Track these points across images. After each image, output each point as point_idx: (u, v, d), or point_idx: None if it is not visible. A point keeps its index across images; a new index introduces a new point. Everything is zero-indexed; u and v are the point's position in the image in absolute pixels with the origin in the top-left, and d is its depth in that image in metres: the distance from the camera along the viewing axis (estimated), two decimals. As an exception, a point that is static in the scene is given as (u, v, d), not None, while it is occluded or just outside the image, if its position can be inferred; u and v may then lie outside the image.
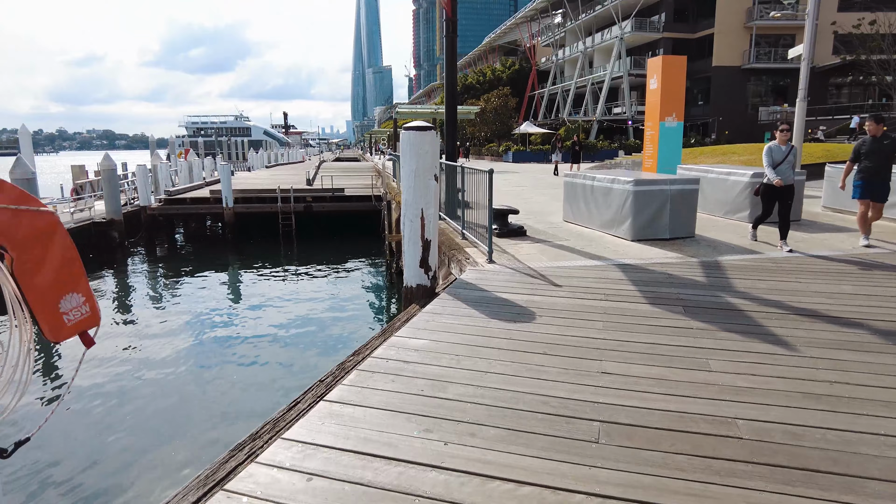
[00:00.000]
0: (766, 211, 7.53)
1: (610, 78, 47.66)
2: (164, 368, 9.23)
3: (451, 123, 9.87)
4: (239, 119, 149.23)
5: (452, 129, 9.95)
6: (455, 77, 9.70)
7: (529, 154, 40.27)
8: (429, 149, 5.50)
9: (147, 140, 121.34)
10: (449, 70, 9.69)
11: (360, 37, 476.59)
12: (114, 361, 9.55)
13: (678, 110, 17.22)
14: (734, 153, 20.27)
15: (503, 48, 77.26)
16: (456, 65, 9.64)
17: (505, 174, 24.75)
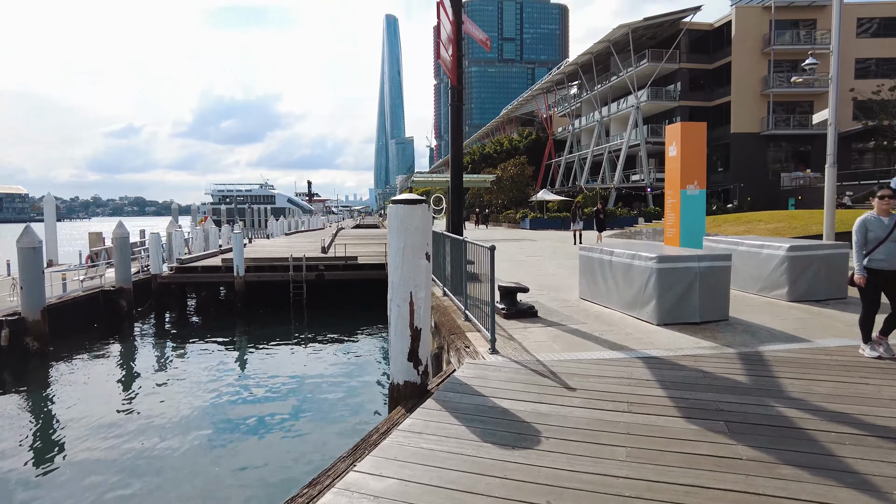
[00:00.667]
0: (870, 307, 5.53)
1: (627, 146, 47.77)
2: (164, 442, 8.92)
3: (458, 194, 9.27)
4: (264, 187, 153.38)
5: (459, 200, 9.33)
6: (461, 146, 9.19)
7: (547, 221, 39.80)
8: (419, 224, 4.82)
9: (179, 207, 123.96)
10: (454, 139, 9.19)
11: (383, 110, 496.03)
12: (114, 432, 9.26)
13: (700, 178, 16.59)
14: (759, 221, 19.40)
15: (520, 119, 78.92)
16: (462, 133, 9.15)
17: (521, 242, 24.12)
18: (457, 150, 9.03)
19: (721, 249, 9.82)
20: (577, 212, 23.72)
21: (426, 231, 4.89)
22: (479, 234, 33.46)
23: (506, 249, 19.77)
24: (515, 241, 25.38)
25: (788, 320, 7.00)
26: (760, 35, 41.98)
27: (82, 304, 18.94)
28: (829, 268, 8.17)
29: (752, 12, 43.24)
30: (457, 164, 9.02)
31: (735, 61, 42.29)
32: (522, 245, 22.23)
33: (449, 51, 8.44)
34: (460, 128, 9.12)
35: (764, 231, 17.75)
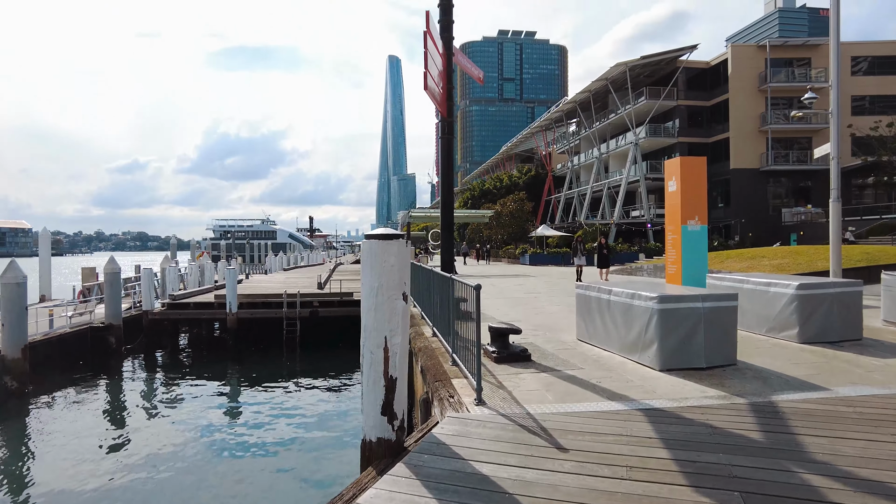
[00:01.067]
0: None
1: (626, 182, 47.77)
2: (146, 484, 8.55)
3: (448, 229, 8.85)
4: (265, 223, 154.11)
5: (449, 235, 8.91)
6: (451, 179, 8.81)
7: (546, 256, 39.39)
8: (395, 262, 4.38)
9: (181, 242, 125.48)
10: (444, 172, 8.83)
11: (386, 147, 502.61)
12: (98, 474, 8.84)
13: (701, 213, 16.22)
14: (763, 257, 18.95)
15: (520, 156, 79.46)
16: (452, 166, 8.79)
17: (520, 278, 23.63)
18: (447, 184, 8.65)
19: (726, 288, 9.33)
20: (578, 247, 22.52)
21: (403, 268, 4.45)
22: (477, 269, 33.01)
23: (503, 286, 19.29)
24: (514, 276, 24.91)
25: (802, 364, 6.47)
26: (756, 73, 42.41)
27: (68, 340, 18.44)
28: (841, 307, 7.67)
29: (747, 51, 43.82)
30: (447, 198, 8.62)
31: (732, 98, 42.61)
32: (521, 281, 21.76)
33: (439, 84, 8.15)
34: (451, 161, 8.76)
35: (768, 267, 17.29)
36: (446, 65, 8.51)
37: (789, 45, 42.33)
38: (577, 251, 22.27)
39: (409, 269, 4.56)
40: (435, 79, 7.58)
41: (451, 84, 8.55)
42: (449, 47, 8.62)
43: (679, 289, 7.32)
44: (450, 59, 8.61)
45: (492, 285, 19.49)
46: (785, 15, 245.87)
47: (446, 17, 8.73)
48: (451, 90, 8.47)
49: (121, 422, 12.79)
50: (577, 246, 22.36)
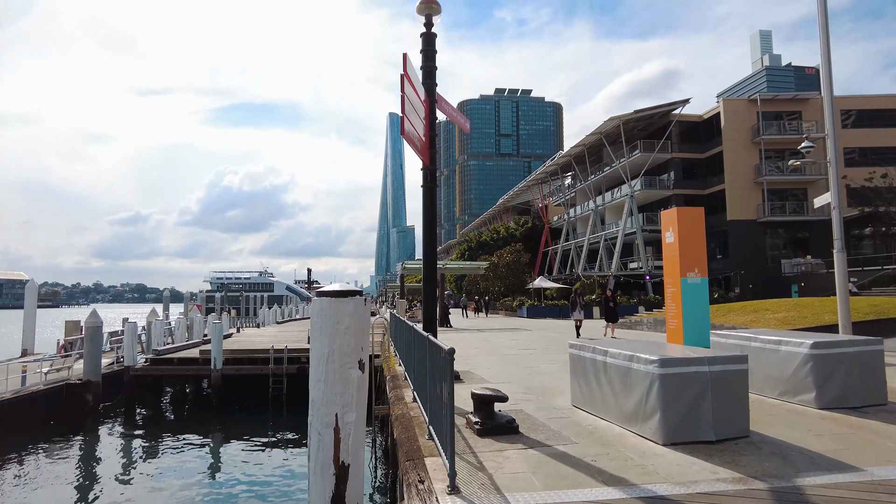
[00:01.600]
0: None
1: (623, 234, 47.55)
2: None
3: (431, 283, 8.25)
4: (263, 275, 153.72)
5: (432, 290, 8.30)
6: (435, 231, 8.28)
7: (544, 309, 38.60)
8: (350, 323, 3.73)
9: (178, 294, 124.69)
10: (427, 222, 8.30)
11: (385, 200, 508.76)
12: None
13: (700, 265, 15.66)
14: (766, 310, 18.26)
15: (516, 208, 79.81)
16: (435, 217, 8.27)
17: (516, 332, 22.80)
18: (430, 235, 8.09)
19: (732, 346, 8.62)
20: (577, 300, 20.57)
21: (361, 332, 3.80)
22: (473, 322, 32.16)
23: (497, 341, 18.47)
24: (510, 330, 24.09)
25: (825, 436, 5.72)
26: (749, 126, 42.91)
27: (40, 399, 17.50)
28: (862, 368, 6.96)
29: (739, 104, 44.52)
30: (430, 250, 8.05)
31: (727, 151, 42.94)
32: (516, 335, 20.94)
33: (420, 130, 7.72)
34: (434, 211, 8.24)
35: (772, 321, 16.58)
36: (429, 112, 8.09)
37: (779, 99, 43.06)
38: (575, 305, 20.50)
39: (367, 332, 3.91)
40: (414, 124, 7.13)
41: (434, 132, 8.11)
42: (432, 94, 8.23)
43: (682, 350, 6.64)
44: (432, 106, 8.20)
45: (485, 340, 18.68)
46: (772, 73, 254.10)
47: (429, 64, 8.38)
48: (433, 138, 8.03)
49: (85, 487, 11.82)
50: (576, 300, 20.61)
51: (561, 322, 32.59)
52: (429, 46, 8.32)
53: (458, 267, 33.59)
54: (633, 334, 21.25)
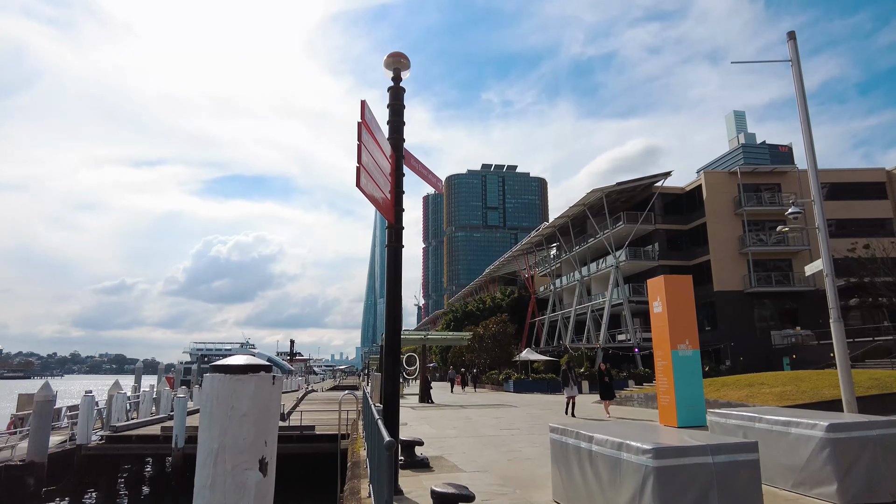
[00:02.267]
0: None
1: (610, 305, 46.87)
2: None
3: (393, 355, 7.35)
4: (245, 346, 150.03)
5: (394, 363, 7.38)
6: (398, 294, 7.47)
7: (532, 383, 37.15)
8: (249, 408, 2.81)
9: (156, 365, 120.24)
10: (391, 287, 7.50)
11: (373, 270, 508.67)
12: None
13: (691, 336, 14.83)
14: (763, 384, 17.30)
15: (503, 278, 79.39)
16: (400, 279, 7.49)
17: (500, 408, 21.44)
18: (394, 301, 7.26)
19: (733, 427, 7.63)
20: (568, 374, 18.69)
21: (265, 420, 2.88)
22: (457, 397, 30.60)
23: (479, 419, 17.20)
24: (494, 406, 22.73)
25: (856, 544, 4.72)
26: (731, 198, 43.45)
27: (-30, 484, 15.75)
28: (888, 454, 6.03)
29: (720, 177, 45.33)
30: (393, 316, 7.20)
31: (710, 222, 43.22)
32: (500, 413, 19.62)
33: (384, 187, 7.08)
34: (399, 272, 7.45)
35: (770, 396, 15.60)
36: (395, 168, 7.47)
37: (759, 171, 43.97)
38: (567, 380, 18.48)
39: (274, 421, 2.98)
40: (375, 178, 6.46)
41: (401, 189, 7.46)
42: (399, 150, 7.63)
43: (680, 435, 5.69)
44: (399, 162, 7.58)
45: (466, 419, 17.38)
46: (748, 150, 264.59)
47: (396, 119, 7.83)
48: (399, 195, 7.36)
49: None
50: (568, 374, 18.71)
51: (549, 398, 31.14)
52: (396, 101, 7.84)
53: (441, 338, 32.39)
54: (624, 411, 20.03)
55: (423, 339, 27.88)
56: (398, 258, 7.52)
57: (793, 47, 14.31)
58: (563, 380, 18.55)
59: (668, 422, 13.88)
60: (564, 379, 18.50)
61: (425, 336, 28.31)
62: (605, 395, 17.46)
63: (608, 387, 17.47)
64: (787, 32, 14.51)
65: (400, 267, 7.53)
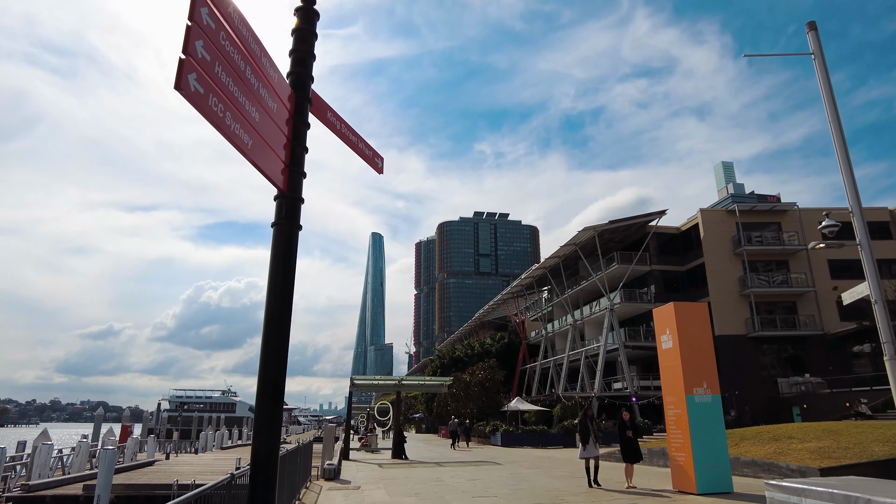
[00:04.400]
0: None
1: (605, 350, 43.96)
2: None
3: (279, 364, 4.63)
4: (226, 394, 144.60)
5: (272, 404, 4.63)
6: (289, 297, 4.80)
7: (521, 436, 33.80)
8: None
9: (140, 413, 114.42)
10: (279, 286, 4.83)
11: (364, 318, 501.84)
12: None
13: (709, 377, 12.09)
14: (791, 437, 14.47)
15: (493, 323, 76.29)
16: (292, 277, 4.83)
17: (481, 467, 18.33)
18: (281, 307, 4.56)
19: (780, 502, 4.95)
20: (590, 426, 13.05)
21: None
22: (440, 453, 27.27)
23: (452, 481, 14.20)
24: (473, 464, 19.63)
25: None
26: (729, 237, 41.38)
27: None
28: None
29: (717, 215, 43.39)
30: (279, 332, 4.48)
31: (708, 263, 40.98)
32: (479, 473, 16.55)
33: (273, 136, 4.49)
34: (291, 267, 4.78)
35: (804, 453, 12.80)
36: (293, 115, 4.83)
37: (758, 210, 42.10)
38: (587, 435, 12.90)
39: None
40: (241, 107, 3.85)
41: (303, 146, 4.77)
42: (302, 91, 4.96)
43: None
44: (301, 106, 4.93)
45: (436, 481, 14.37)
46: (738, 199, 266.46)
47: (303, 48, 5.12)
48: (299, 154, 4.72)
49: None
50: (588, 426, 13.04)
51: (540, 452, 27.89)
52: (306, 25, 5.35)
53: (418, 384, 29.19)
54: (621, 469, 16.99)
55: (396, 385, 24.80)
56: (292, 244, 4.97)
57: (814, 38, 12.32)
58: (582, 434, 13.02)
59: (683, 486, 11.03)
60: (584, 433, 12.97)
61: (399, 382, 25.24)
62: (629, 455, 12.41)
63: (633, 445, 12.47)
64: (807, 23, 12.58)
65: (293, 257, 4.99)
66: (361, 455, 25.34)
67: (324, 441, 16.17)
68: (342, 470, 17.74)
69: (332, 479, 14.36)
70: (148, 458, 29.42)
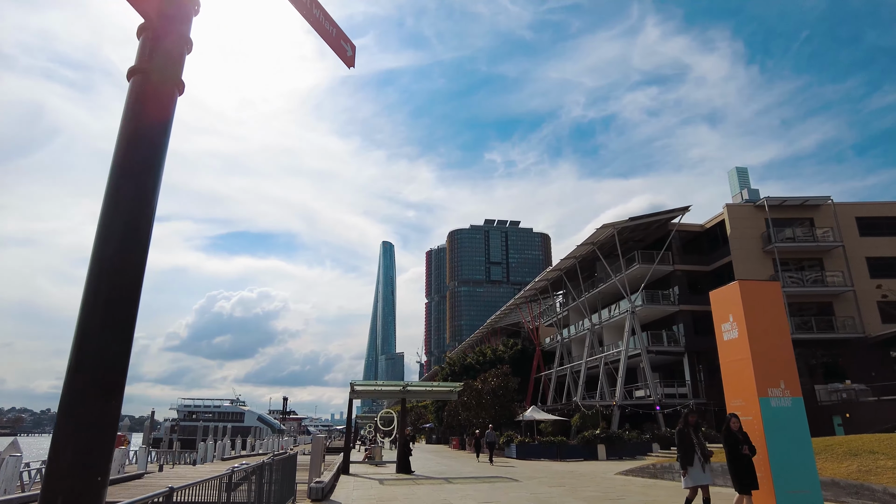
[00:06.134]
0: None
1: (626, 356, 41.30)
2: None
3: (124, 276, 2.13)
4: (235, 404, 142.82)
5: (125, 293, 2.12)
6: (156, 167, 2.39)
7: (538, 447, 31.33)
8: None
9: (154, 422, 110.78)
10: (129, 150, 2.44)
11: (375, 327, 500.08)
12: None
13: (788, 375, 9.70)
14: (874, 452, 11.95)
15: (505, 330, 73.72)
16: (162, 148, 2.44)
17: (494, 485, 15.91)
18: None
19: None
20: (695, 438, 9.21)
21: None
22: (450, 466, 24.86)
23: None
24: (486, 481, 17.23)
25: None
26: (758, 234, 38.73)
27: None
28: None
29: (744, 210, 40.74)
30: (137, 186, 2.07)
31: (736, 262, 38.30)
32: (493, 494, 14.14)
33: None
34: (162, 124, 2.35)
35: (893, 472, 10.31)
36: None
37: (788, 204, 39.36)
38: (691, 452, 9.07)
39: None
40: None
41: None
42: None
43: None
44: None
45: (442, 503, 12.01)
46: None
47: None
48: None
49: None
50: (689, 434, 9.25)
51: (559, 466, 25.36)
52: None
53: (426, 390, 26.90)
54: (669, 489, 14.53)
55: (401, 391, 22.49)
56: (162, 104, 2.75)
57: None
58: (684, 452, 9.11)
59: (758, 514, 8.60)
60: (686, 450, 9.09)
61: (404, 388, 22.90)
62: (746, 481, 8.47)
63: (751, 467, 8.51)
64: None
65: (164, 127, 2.77)
66: (363, 469, 23.03)
67: (311, 455, 13.88)
68: (337, 487, 15.47)
69: (319, 501, 12.08)
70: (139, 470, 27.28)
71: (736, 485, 8.61)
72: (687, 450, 9.07)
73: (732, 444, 8.63)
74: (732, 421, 8.79)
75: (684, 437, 9.17)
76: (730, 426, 8.79)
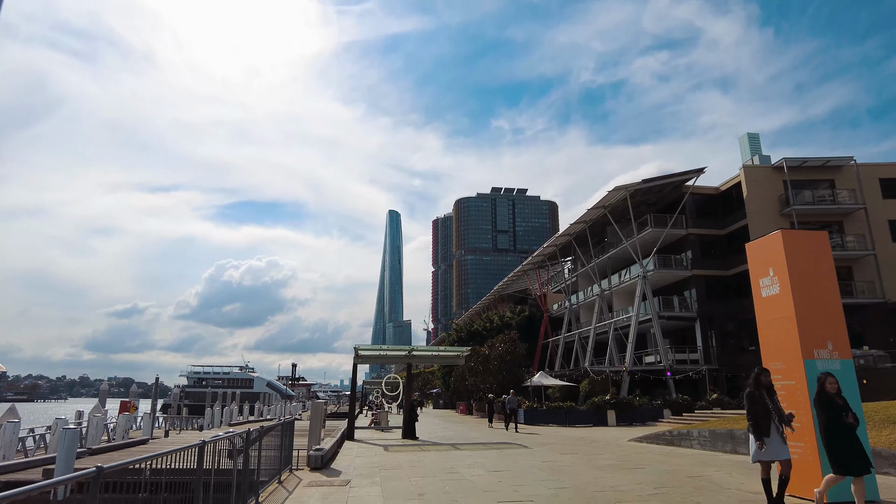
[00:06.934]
0: None
1: (637, 321, 40.49)
2: None
3: None
4: (244, 370, 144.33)
5: None
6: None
7: (546, 413, 30.83)
8: None
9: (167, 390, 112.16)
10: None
11: (382, 295, 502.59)
12: None
13: (836, 334, 8.70)
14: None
15: (513, 297, 73.12)
16: None
17: (504, 452, 15.26)
18: None
19: None
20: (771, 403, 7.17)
21: None
22: (460, 432, 24.38)
23: (468, 472, 11.07)
24: (496, 447, 16.60)
25: None
26: (776, 196, 37.34)
27: None
28: None
29: (762, 172, 39.26)
30: None
31: (752, 225, 37.03)
32: (502, 461, 13.44)
33: None
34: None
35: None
36: None
37: (808, 166, 37.80)
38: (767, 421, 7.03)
39: None
40: None
41: None
42: None
43: None
44: None
45: (449, 472, 11.26)
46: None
47: None
48: None
49: None
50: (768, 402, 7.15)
51: (568, 432, 24.80)
52: None
53: (432, 354, 26.28)
54: (691, 457, 13.77)
55: (406, 355, 21.80)
56: None
57: None
58: (759, 419, 7.08)
59: (798, 489, 7.77)
60: (762, 417, 7.08)
61: (409, 353, 22.20)
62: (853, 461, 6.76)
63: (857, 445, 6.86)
64: None
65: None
66: (369, 434, 22.54)
67: (310, 422, 13.18)
68: (339, 454, 14.86)
69: (319, 469, 11.40)
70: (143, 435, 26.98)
71: (836, 465, 6.75)
72: (762, 416, 7.02)
73: (835, 411, 6.75)
74: (829, 381, 6.88)
75: (756, 400, 7.12)
76: (825, 388, 6.90)
